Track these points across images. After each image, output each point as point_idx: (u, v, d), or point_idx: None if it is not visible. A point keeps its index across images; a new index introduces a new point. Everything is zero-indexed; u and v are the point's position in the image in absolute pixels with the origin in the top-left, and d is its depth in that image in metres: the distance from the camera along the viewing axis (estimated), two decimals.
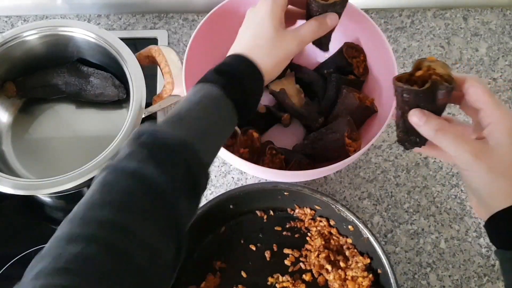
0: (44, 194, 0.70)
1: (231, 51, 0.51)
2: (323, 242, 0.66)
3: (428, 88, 0.40)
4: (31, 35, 0.69)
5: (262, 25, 0.50)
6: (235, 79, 0.47)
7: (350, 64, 0.70)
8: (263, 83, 0.49)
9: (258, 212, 0.69)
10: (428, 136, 0.42)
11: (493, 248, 0.69)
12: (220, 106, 0.45)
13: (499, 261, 0.43)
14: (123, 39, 0.68)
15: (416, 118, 0.41)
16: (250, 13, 0.53)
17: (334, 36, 0.72)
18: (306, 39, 0.51)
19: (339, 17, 0.53)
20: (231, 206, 0.66)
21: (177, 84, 0.66)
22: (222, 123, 0.46)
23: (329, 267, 0.64)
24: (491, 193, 0.40)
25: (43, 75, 0.72)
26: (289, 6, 0.53)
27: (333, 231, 0.67)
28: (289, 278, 0.64)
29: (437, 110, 0.41)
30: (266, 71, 0.49)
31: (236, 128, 0.66)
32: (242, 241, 0.67)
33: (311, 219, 0.67)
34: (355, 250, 0.65)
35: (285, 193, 0.66)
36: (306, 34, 0.51)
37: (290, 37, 0.50)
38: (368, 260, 0.64)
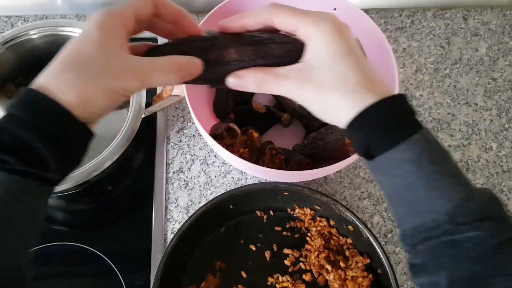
0: None
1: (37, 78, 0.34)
2: (323, 242, 0.66)
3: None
4: (31, 35, 0.69)
5: (86, 37, 0.34)
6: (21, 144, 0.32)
7: None
8: (76, 127, 0.34)
9: (258, 212, 0.69)
10: (254, 91, 0.39)
11: None
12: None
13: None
14: None
15: (232, 83, 0.39)
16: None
17: None
18: (156, 80, 0.36)
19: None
20: (231, 206, 0.66)
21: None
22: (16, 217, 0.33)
23: (329, 267, 0.64)
24: (331, 111, 0.37)
25: None
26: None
27: (333, 231, 0.67)
28: (289, 278, 0.64)
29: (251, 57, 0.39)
30: (84, 101, 0.33)
31: (236, 128, 0.66)
32: (242, 241, 0.67)
33: (311, 219, 0.67)
34: (355, 250, 0.65)
35: (285, 193, 0.66)
36: (159, 73, 0.35)
37: (133, 65, 0.35)
38: (368, 260, 0.64)
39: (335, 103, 0.36)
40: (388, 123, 0.35)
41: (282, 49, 0.39)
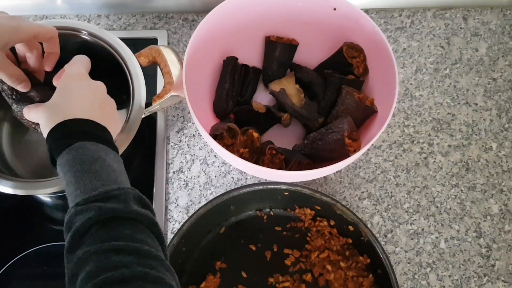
0: (44, 194, 0.70)
1: None
2: (323, 242, 0.66)
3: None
4: None
5: None
6: None
7: (350, 64, 0.70)
8: None
9: (258, 212, 0.69)
10: (30, 118, 0.55)
11: (493, 248, 0.69)
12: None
13: None
14: (123, 39, 0.68)
15: (24, 110, 0.56)
16: None
17: (334, 36, 0.72)
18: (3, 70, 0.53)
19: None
20: (231, 206, 0.66)
21: (177, 84, 0.66)
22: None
23: (329, 267, 0.64)
24: (45, 128, 0.50)
25: None
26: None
27: (333, 231, 0.67)
28: (289, 278, 0.64)
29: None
30: None
31: (236, 128, 0.66)
32: (242, 241, 0.67)
33: (311, 219, 0.67)
34: (355, 250, 0.65)
35: (285, 193, 0.66)
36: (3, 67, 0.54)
37: None
38: (368, 260, 0.64)
39: (47, 123, 0.50)
40: (61, 136, 0.48)
41: None
